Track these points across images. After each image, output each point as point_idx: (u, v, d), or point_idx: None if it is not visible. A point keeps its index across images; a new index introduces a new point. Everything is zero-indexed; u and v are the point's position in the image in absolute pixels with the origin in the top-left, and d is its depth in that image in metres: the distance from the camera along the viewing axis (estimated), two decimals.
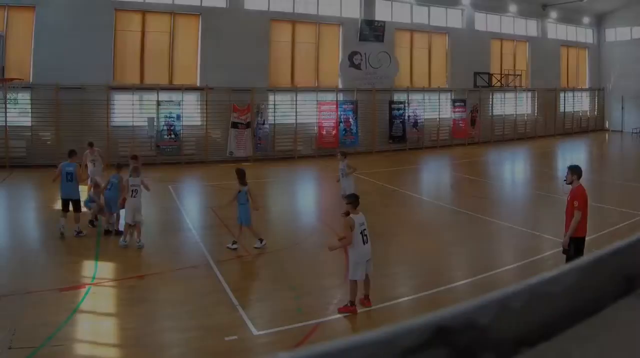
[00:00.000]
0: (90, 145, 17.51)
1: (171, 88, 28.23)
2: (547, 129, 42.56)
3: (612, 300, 1.07)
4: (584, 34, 46.39)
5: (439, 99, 36.60)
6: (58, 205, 14.83)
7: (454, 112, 37.14)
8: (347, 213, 10.15)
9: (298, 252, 13.57)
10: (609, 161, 33.73)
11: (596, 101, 47.16)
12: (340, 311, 9.65)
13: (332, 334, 8.86)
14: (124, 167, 14.99)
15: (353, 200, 10.02)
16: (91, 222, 15.00)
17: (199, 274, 11.73)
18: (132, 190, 13.47)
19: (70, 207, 14.09)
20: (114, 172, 14.84)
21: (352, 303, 9.64)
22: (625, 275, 1.11)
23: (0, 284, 10.69)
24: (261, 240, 13.30)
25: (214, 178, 24.11)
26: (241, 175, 13.56)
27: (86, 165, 16.81)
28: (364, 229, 9.66)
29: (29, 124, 25.43)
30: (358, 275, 9.59)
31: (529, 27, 42.21)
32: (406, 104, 34.71)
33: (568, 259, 9.79)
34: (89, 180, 15.70)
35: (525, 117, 41.79)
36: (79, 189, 14.40)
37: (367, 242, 9.67)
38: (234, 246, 13.11)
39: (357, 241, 9.53)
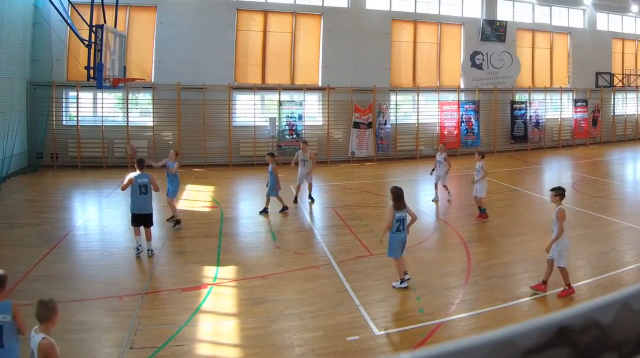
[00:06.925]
0: None
1: (293, 88, 20.61)
2: None
3: None
4: None
5: (561, 99, 26.45)
6: (178, 205, 12.03)
7: (576, 112, 26.74)
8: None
9: (420, 252, 9.97)
10: None
11: None
12: (560, 296, 7.31)
13: (454, 334, 6.60)
14: None
15: (562, 193, 7.62)
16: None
17: (321, 274, 8.61)
18: None
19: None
20: None
21: (569, 285, 7.26)
22: None
23: (122, 284, 8.04)
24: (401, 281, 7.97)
25: (335, 178, 17.85)
26: (397, 197, 7.86)
27: None
28: None
29: (151, 123, 18.75)
30: (566, 262, 7.31)
31: None
32: (528, 104, 24.99)
33: None
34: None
35: None
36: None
37: None
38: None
39: (565, 229, 7.32)
